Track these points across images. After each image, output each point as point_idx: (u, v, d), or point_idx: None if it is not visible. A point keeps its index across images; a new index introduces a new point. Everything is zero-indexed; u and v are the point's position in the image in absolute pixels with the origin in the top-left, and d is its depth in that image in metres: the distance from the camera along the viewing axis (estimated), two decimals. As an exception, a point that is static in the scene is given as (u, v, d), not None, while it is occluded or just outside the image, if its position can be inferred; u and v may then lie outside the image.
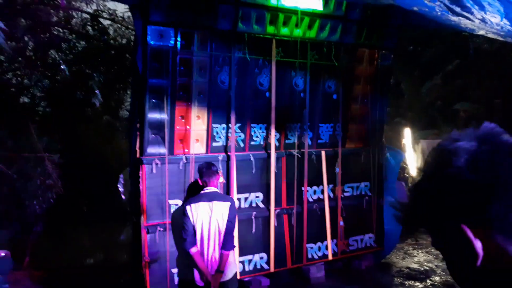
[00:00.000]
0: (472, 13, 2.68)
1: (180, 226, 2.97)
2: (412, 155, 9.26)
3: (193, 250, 2.93)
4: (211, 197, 2.99)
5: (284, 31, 4.81)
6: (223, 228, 2.97)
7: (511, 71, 10.32)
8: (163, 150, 4.34)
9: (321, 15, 4.87)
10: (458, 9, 2.70)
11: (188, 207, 2.97)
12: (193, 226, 2.94)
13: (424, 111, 11.39)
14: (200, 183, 3.08)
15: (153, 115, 4.27)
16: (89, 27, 7.09)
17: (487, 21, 2.81)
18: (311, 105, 5.20)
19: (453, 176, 0.66)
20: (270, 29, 4.70)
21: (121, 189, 4.68)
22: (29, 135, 6.69)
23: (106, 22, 7.46)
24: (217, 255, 3.03)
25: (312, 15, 4.82)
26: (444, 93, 11.52)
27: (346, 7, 4.93)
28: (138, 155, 4.33)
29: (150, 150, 4.31)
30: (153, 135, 4.34)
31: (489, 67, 10.67)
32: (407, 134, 9.55)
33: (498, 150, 0.66)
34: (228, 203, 3.01)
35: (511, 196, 0.63)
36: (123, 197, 4.68)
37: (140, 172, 4.27)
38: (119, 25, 7.59)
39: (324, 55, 5.15)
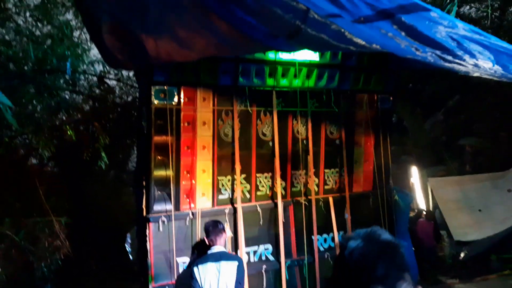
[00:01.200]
0: (464, 60, 2.75)
1: (188, 288, 2.89)
2: (421, 194, 9.13)
3: (202, 313, 2.83)
4: (218, 257, 2.93)
5: (284, 82, 4.94)
6: (231, 289, 2.89)
7: (512, 103, 10.38)
8: (169, 206, 4.32)
9: (318, 65, 5.03)
10: (450, 58, 2.78)
11: (195, 269, 2.91)
12: (201, 289, 2.86)
13: (430, 148, 11.35)
14: (207, 242, 3.03)
15: (158, 172, 4.31)
16: (95, 88, 7.38)
17: (480, 66, 2.87)
18: (314, 151, 5.23)
19: (341, 262, 1.02)
20: (270, 81, 4.84)
21: (128, 248, 4.61)
22: (37, 196, 6.73)
23: (112, 82, 7.77)
24: None
25: (310, 66, 4.98)
26: (447, 129, 11.54)
27: (342, 55, 5.09)
28: (144, 213, 4.32)
29: (156, 207, 4.30)
30: (159, 192, 4.35)
31: (491, 100, 10.76)
32: (415, 172, 9.47)
33: (372, 246, 1.00)
34: (236, 263, 2.95)
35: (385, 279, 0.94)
36: (131, 257, 4.59)
37: (147, 231, 4.23)
38: (125, 83, 7.89)
39: (324, 102, 5.25)
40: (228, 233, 4.63)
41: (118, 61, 2.45)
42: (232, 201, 4.73)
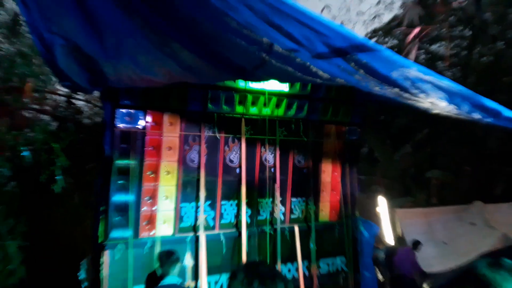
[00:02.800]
0: (421, 98, 2.83)
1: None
2: (388, 225, 9.23)
3: None
4: (171, 290, 2.82)
5: (253, 110, 4.97)
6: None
7: (476, 139, 10.83)
8: (127, 233, 4.17)
9: (288, 95, 5.10)
10: (407, 95, 2.85)
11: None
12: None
13: (399, 179, 11.60)
14: (160, 273, 2.92)
15: (118, 197, 4.17)
16: (61, 109, 7.19)
17: (437, 104, 2.96)
18: (282, 179, 5.23)
19: None
20: (239, 108, 4.86)
21: (82, 277, 4.38)
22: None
23: (80, 103, 7.60)
24: None
25: (279, 95, 5.05)
26: (416, 161, 11.86)
27: (311, 87, 5.20)
28: (100, 240, 4.14)
29: (114, 234, 4.13)
30: (117, 218, 4.20)
31: (454, 135, 11.18)
32: (382, 202, 9.60)
33: None
34: (189, 296, 2.84)
35: None
36: (83, 285, 4.36)
37: (102, 259, 4.04)
38: (94, 104, 7.72)
39: (293, 131, 5.31)
40: (189, 262, 4.50)
41: (75, 84, 2.39)
42: (194, 229, 4.62)
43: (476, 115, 2.74)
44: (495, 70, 10.99)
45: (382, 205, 9.66)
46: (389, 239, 9.28)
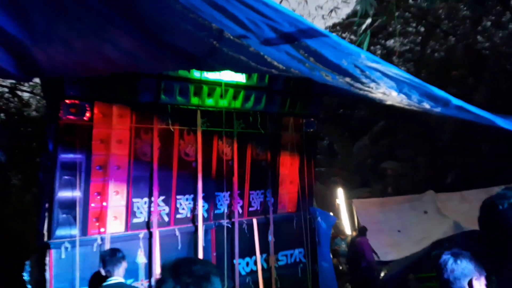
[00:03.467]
0: (371, 88, 2.82)
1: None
2: (346, 215, 9.44)
3: None
4: (115, 290, 2.67)
5: (209, 102, 4.84)
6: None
7: (431, 131, 11.29)
8: (74, 231, 3.93)
9: (245, 87, 5.01)
10: (358, 85, 2.84)
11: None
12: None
13: (357, 170, 11.90)
14: (103, 273, 2.76)
15: (64, 193, 3.92)
16: (5, 100, 6.68)
17: (388, 95, 2.96)
18: (240, 172, 5.15)
19: None
20: (195, 100, 4.71)
21: (26, 278, 4.10)
22: None
23: (26, 95, 7.13)
24: None
25: (236, 87, 4.95)
26: (373, 152, 12.23)
27: (269, 79, 5.14)
28: (46, 239, 3.88)
29: (60, 232, 3.89)
30: (63, 215, 3.95)
31: (410, 127, 11.61)
32: (340, 194, 9.80)
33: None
34: (134, 296, 2.70)
35: None
36: (29, 286, 4.08)
37: (47, 258, 3.79)
38: (41, 97, 7.25)
39: (251, 123, 5.23)
40: (142, 259, 4.33)
41: (2, 70, 2.16)
42: (148, 225, 4.44)
43: (426, 105, 2.76)
44: (447, 64, 11.48)
45: (341, 196, 9.86)
46: (348, 229, 9.50)
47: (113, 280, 2.73)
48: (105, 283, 2.71)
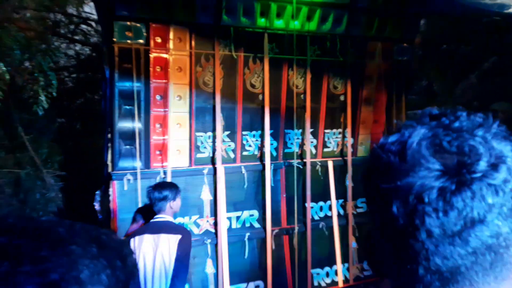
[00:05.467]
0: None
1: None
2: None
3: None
4: (158, 229, 2.39)
5: (278, 23, 4.17)
6: (170, 268, 2.34)
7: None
8: (137, 163, 3.80)
9: (322, 4, 4.19)
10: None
11: (131, 241, 2.39)
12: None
13: (459, 114, 10.31)
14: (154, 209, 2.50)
15: (124, 124, 3.75)
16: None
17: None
18: (313, 108, 4.52)
19: None
20: (261, 21, 4.08)
21: (97, 207, 4.19)
22: (24, 148, 6.45)
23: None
24: None
25: (312, 4, 4.15)
26: (480, 93, 10.40)
27: (351, -7, 4.23)
28: (109, 170, 3.82)
29: (122, 163, 3.78)
30: (126, 147, 3.81)
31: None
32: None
33: None
34: (178, 236, 2.39)
35: None
36: (100, 216, 4.18)
37: (110, 190, 3.75)
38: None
39: (328, 50, 4.46)
40: (207, 196, 4.10)
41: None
42: (213, 160, 4.15)
43: None
44: None
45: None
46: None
47: (158, 218, 2.46)
48: (152, 220, 2.46)
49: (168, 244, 2.34)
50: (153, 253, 2.33)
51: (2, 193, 6.85)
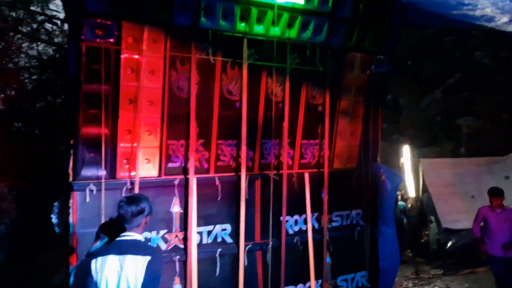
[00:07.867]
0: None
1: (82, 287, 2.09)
2: (410, 176, 8.43)
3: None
4: (125, 248, 2.12)
5: (258, 29, 4.00)
6: (136, 293, 2.07)
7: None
8: (102, 173, 3.47)
9: (303, 11, 4.08)
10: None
11: (93, 262, 2.11)
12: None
13: (425, 127, 10.59)
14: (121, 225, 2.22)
15: (89, 129, 3.42)
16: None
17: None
18: (291, 117, 4.38)
19: None
20: (241, 26, 3.90)
21: (54, 220, 3.80)
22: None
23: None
24: None
25: (293, 11, 4.03)
26: (445, 108, 10.75)
27: (333, 2, 4.15)
28: (70, 179, 3.47)
29: (85, 172, 3.45)
30: (90, 154, 3.48)
31: (494, 80, 9.91)
32: (406, 152, 8.72)
33: None
34: (147, 258, 2.13)
35: None
36: (57, 229, 3.80)
37: (71, 201, 3.40)
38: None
39: (307, 59, 4.35)
40: (176, 209, 3.83)
41: None
42: (184, 171, 3.89)
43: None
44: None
45: (406, 155, 8.79)
46: (412, 191, 8.53)
47: (125, 236, 2.19)
48: (118, 238, 2.18)
49: (135, 266, 2.06)
50: (117, 276, 2.06)
51: None
